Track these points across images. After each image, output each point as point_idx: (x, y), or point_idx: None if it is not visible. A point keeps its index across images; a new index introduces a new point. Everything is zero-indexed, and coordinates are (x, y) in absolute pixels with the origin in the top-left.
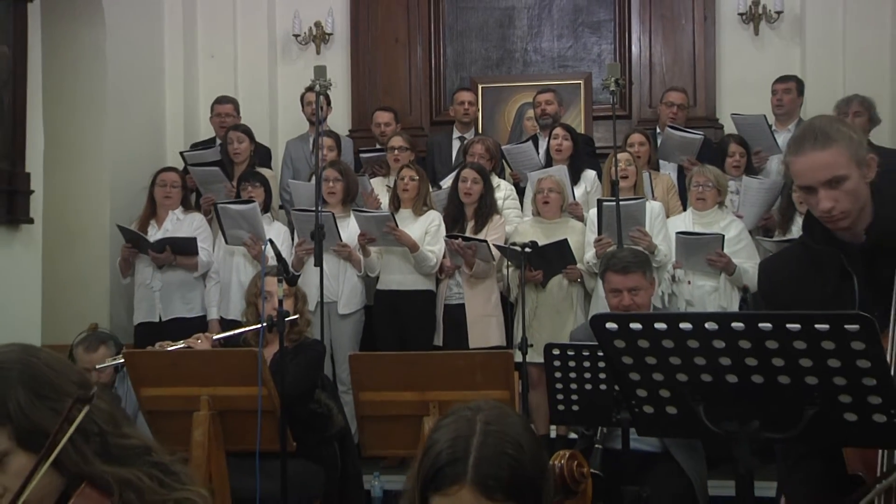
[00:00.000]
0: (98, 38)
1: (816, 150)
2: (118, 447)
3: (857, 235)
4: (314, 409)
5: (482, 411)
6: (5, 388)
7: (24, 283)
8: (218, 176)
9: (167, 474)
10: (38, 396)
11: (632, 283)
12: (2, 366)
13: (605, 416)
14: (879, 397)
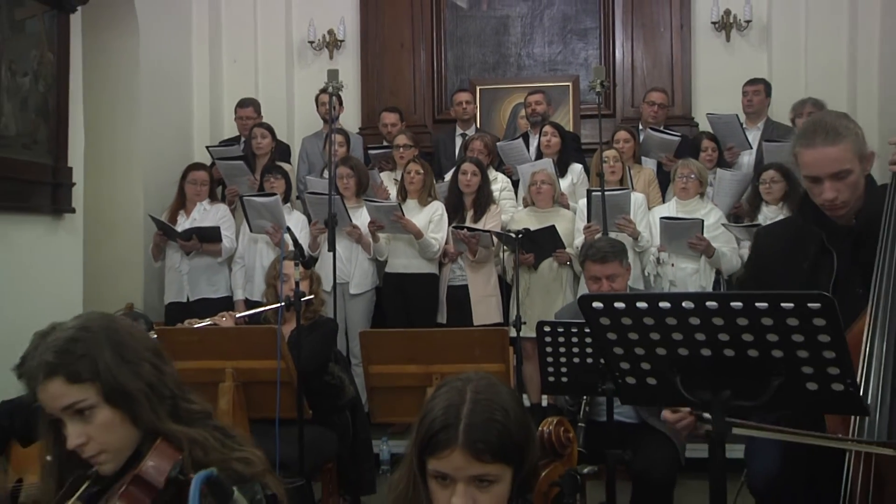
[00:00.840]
0: (132, 46)
1: (827, 145)
2: (186, 410)
3: (848, 219)
4: (328, 380)
5: (472, 382)
6: (96, 350)
7: (67, 267)
8: (242, 169)
9: (227, 437)
10: (123, 359)
11: (609, 271)
12: (91, 330)
13: (591, 386)
14: (837, 368)
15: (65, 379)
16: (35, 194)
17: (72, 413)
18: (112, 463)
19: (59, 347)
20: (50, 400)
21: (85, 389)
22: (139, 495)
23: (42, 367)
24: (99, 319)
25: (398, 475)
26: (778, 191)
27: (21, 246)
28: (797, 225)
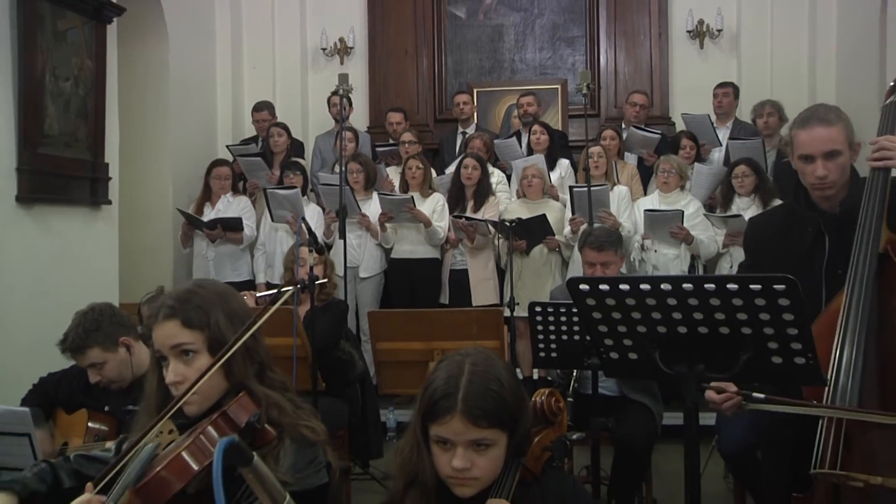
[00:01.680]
0: (162, 53)
1: (823, 126)
2: (269, 377)
3: (833, 206)
4: (340, 356)
5: (470, 356)
6: (209, 305)
7: (104, 254)
8: (261, 165)
9: (298, 407)
10: (229, 319)
11: (604, 259)
12: (206, 289)
13: (578, 361)
14: (800, 343)
15: (180, 322)
16: (75, 187)
17: (177, 353)
18: (197, 406)
19: (179, 296)
20: (163, 338)
21: (194, 335)
22: (224, 427)
23: (163, 310)
24: (213, 284)
25: (404, 441)
26: (749, 184)
27: (63, 234)
28: (790, 212)
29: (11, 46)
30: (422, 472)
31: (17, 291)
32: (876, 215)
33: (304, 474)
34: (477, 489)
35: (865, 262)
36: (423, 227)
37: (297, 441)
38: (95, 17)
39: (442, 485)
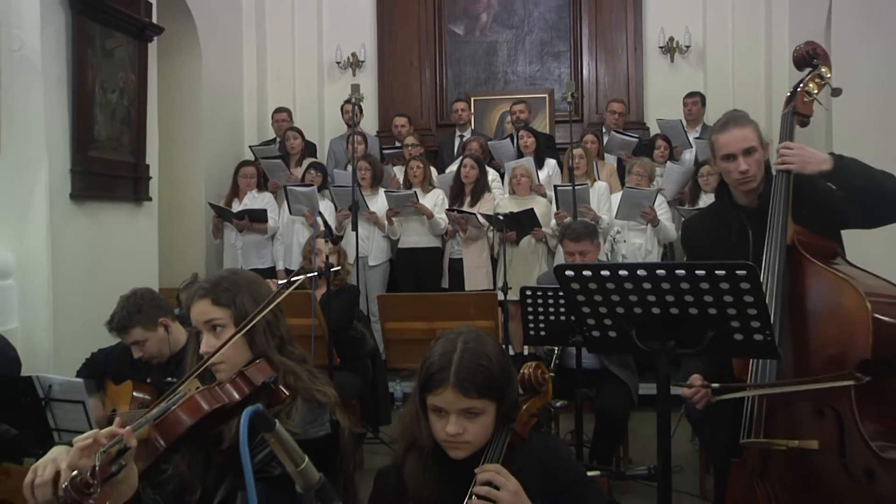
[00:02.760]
0: (196, 67)
1: (738, 128)
2: (289, 351)
3: (752, 201)
4: (352, 334)
5: (462, 335)
6: (236, 288)
7: (145, 244)
8: (281, 166)
9: (313, 375)
10: (254, 299)
11: (581, 248)
12: (236, 275)
13: (563, 338)
14: (759, 322)
15: (210, 300)
16: (120, 186)
17: (209, 327)
18: (225, 373)
19: (211, 279)
20: (197, 314)
21: (222, 311)
22: (240, 384)
23: (198, 291)
24: (244, 272)
25: (406, 409)
26: (714, 181)
27: (110, 227)
28: (717, 211)
29: (67, 63)
30: (420, 437)
31: (71, 277)
32: (782, 212)
33: (309, 426)
34: (469, 452)
35: (776, 254)
36: (426, 220)
37: (308, 401)
38: (138, 36)
39: (438, 448)
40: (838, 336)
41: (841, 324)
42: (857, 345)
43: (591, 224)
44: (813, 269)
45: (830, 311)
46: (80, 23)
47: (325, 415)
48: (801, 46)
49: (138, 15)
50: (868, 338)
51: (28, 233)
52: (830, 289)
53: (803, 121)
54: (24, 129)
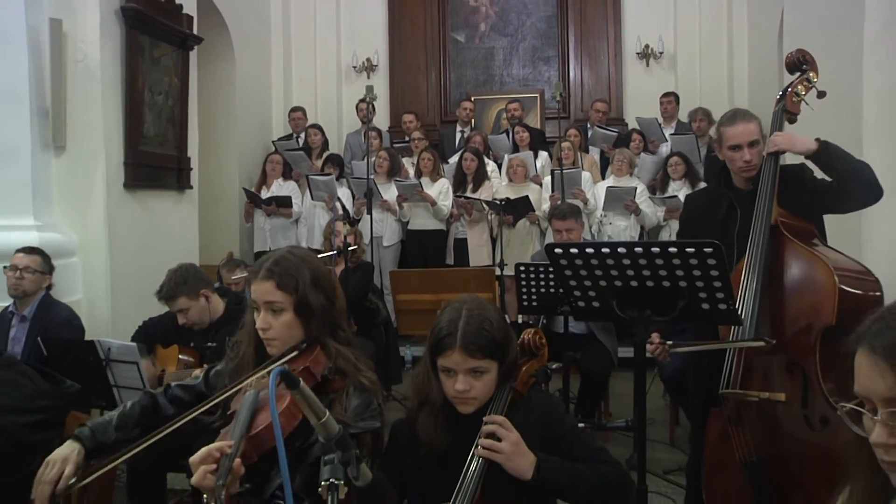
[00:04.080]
0: (231, 72)
1: (745, 122)
2: (341, 336)
3: (747, 185)
4: (368, 305)
5: (467, 303)
6: (298, 271)
7: (187, 226)
8: (303, 157)
9: (359, 360)
10: (315, 286)
11: (567, 226)
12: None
13: (553, 308)
14: (723, 293)
15: (275, 284)
16: (166, 176)
17: (268, 308)
18: (277, 349)
19: (274, 259)
20: (259, 293)
21: (284, 296)
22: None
23: (263, 271)
24: (303, 253)
25: (417, 370)
26: (681, 171)
27: (157, 211)
28: (712, 190)
29: (121, 71)
30: (431, 394)
31: (125, 255)
32: (769, 195)
33: (362, 417)
34: (475, 407)
35: (761, 232)
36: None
37: (358, 388)
38: (181, 46)
39: (448, 404)
40: (809, 305)
41: (812, 294)
42: (824, 313)
43: (576, 205)
44: (792, 247)
45: (804, 283)
46: (132, 36)
47: (373, 403)
48: (793, 53)
49: (181, 27)
50: (834, 307)
51: (89, 217)
52: (805, 264)
53: (791, 118)
54: (85, 127)
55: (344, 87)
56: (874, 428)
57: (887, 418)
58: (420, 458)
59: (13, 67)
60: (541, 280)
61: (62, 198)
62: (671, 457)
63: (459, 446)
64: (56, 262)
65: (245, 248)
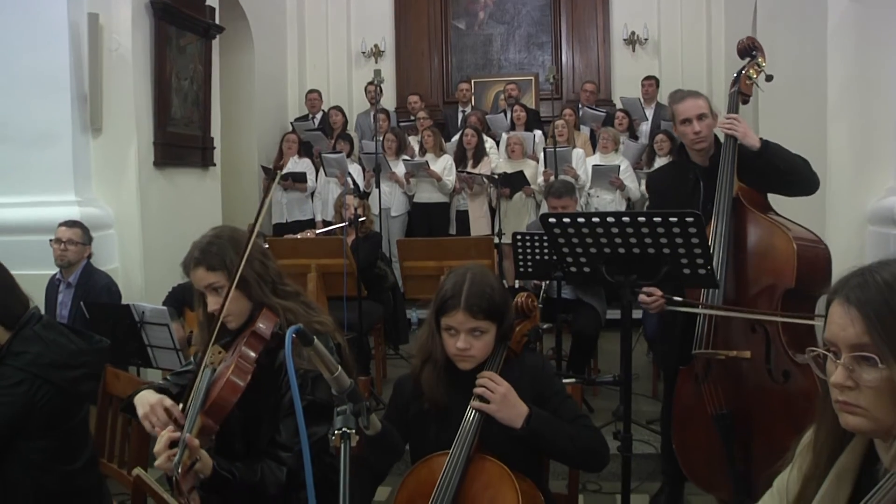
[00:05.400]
0: (250, 58)
1: (693, 98)
2: (282, 290)
3: (704, 160)
4: (376, 272)
5: (470, 269)
6: (224, 251)
7: (211, 201)
8: (320, 137)
9: (309, 307)
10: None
11: (563, 204)
12: (221, 237)
13: (547, 273)
14: (703, 259)
15: (205, 268)
16: (191, 155)
17: (211, 290)
18: (235, 322)
19: (201, 248)
20: (197, 281)
21: (217, 275)
22: (255, 343)
23: (192, 260)
24: (227, 230)
25: (422, 331)
26: (666, 147)
27: (183, 187)
28: (675, 166)
29: (150, 59)
30: (434, 351)
31: (156, 227)
32: (729, 170)
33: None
34: (474, 364)
35: (724, 203)
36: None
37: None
38: (205, 35)
39: (449, 361)
40: (771, 270)
41: (773, 260)
42: (784, 277)
43: (570, 183)
44: (752, 217)
45: (765, 250)
46: (160, 27)
47: (329, 342)
48: (744, 40)
49: (204, 18)
50: (793, 271)
51: (123, 193)
52: (766, 233)
53: (745, 99)
54: (119, 111)
55: (354, 72)
56: (835, 371)
57: (849, 362)
58: (422, 411)
59: (56, 58)
60: (536, 248)
61: (99, 176)
62: (654, 408)
63: (458, 400)
64: (94, 234)
65: (265, 221)
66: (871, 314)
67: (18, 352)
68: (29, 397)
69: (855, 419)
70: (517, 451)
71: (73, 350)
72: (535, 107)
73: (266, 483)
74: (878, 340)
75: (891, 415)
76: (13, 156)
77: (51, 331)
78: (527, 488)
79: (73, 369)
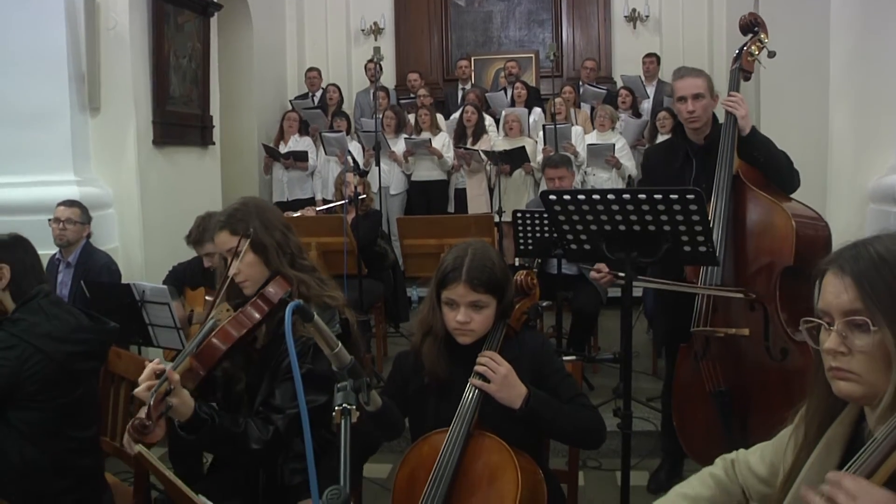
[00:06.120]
0: (248, 36)
1: (692, 77)
2: (300, 264)
3: (700, 139)
4: (377, 250)
5: (472, 244)
6: (249, 217)
7: (211, 179)
8: (319, 115)
9: (323, 282)
10: (264, 226)
11: (560, 174)
12: (247, 205)
13: (547, 251)
14: (703, 237)
15: (229, 231)
16: (190, 133)
17: (231, 253)
18: (250, 288)
19: (228, 213)
20: (220, 244)
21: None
22: (261, 304)
23: (217, 224)
24: (254, 200)
25: (423, 305)
26: (668, 125)
27: (183, 166)
28: (671, 144)
29: (147, 37)
30: (435, 325)
31: (155, 206)
32: (730, 147)
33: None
34: (473, 339)
35: (724, 180)
36: (436, 158)
37: (319, 307)
38: (202, 13)
39: (449, 336)
40: (770, 248)
41: (772, 238)
42: (783, 255)
43: (567, 156)
44: (752, 195)
45: (764, 227)
46: (158, 5)
47: (335, 316)
48: (746, 16)
49: None
50: (792, 249)
51: (122, 172)
52: (765, 210)
53: (747, 76)
54: (117, 90)
55: (353, 49)
56: (828, 338)
57: (842, 328)
58: (422, 386)
59: (53, 37)
60: (536, 225)
61: (98, 155)
62: (653, 386)
63: (458, 376)
64: (94, 213)
65: (264, 198)
66: (864, 282)
67: (17, 319)
68: (19, 363)
69: (847, 385)
70: (517, 428)
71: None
72: (535, 84)
73: (249, 436)
74: (871, 306)
75: (881, 379)
76: (11, 136)
77: (56, 307)
78: (526, 464)
79: (69, 344)
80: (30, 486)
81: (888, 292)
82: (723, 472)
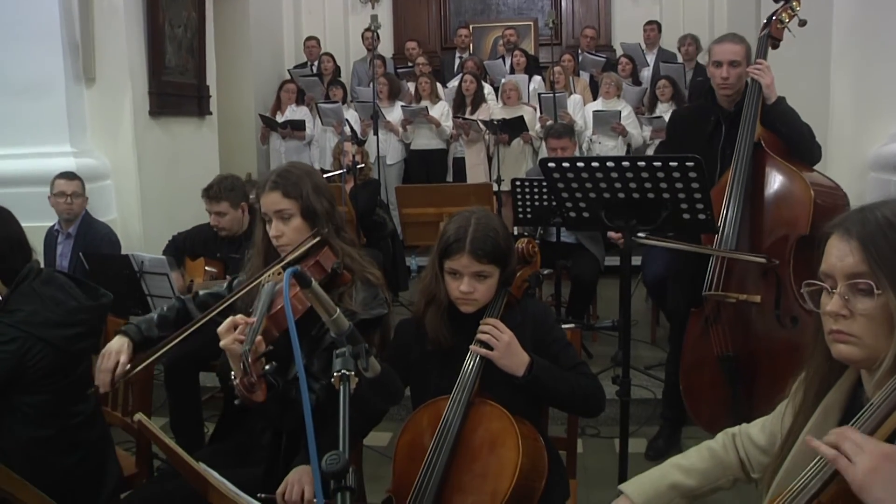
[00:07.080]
0: (244, 3)
1: (732, 43)
2: (343, 236)
3: (730, 105)
4: (375, 219)
5: (475, 213)
6: (300, 180)
7: (208, 150)
8: (316, 83)
9: (364, 258)
10: (316, 192)
11: (563, 144)
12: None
13: (546, 219)
14: (702, 204)
15: (281, 193)
16: (187, 104)
17: (280, 216)
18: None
19: (279, 173)
20: (268, 204)
21: (291, 202)
22: (315, 272)
23: (269, 183)
24: (304, 166)
25: (425, 273)
26: (668, 93)
27: (180, 137)
28: (700, 108)
29: (142, 6)
30: (438, 294)
31: (152, 177)
32: (752, 114)
33: (371, 307)
34: (476, 308)
35: (745, 147)
36: (434, 127)
37: (364, 282)
38: None
39: (451, 304)
40: (787, 216)
41: (790, 206)
42: (800, 223)
43: (569, 125)
44: (773, 163)
45: (783, 195)
46: None
47: (380, 294)
48: None
49: None
50: (809, 218)
51: (119, 143)
52: (784, 178)
53: (775, 43)
54: (112, 61)
55: (350, 18)
56: (830, 301)
57: (845, 291)
58: (424, 354)
59: (45, 7)
60: (535, 194)
61: (94, 126)
62: (652, 354)
63: (460, 344)
64: (91, 185)
65: (262, 168)
66: (869, 245)
67: (13, 309)
68: (20, 355)
69: (847, 348)
70: (517, 396)
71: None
72: (534, 52)
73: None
74: (875, 268)
75: (882, 343)
76: (6, 107)
77: (50, 286)
78: (527, 431)
79: (69, 327)
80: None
81: (893, 256)
82: (721, 447)
